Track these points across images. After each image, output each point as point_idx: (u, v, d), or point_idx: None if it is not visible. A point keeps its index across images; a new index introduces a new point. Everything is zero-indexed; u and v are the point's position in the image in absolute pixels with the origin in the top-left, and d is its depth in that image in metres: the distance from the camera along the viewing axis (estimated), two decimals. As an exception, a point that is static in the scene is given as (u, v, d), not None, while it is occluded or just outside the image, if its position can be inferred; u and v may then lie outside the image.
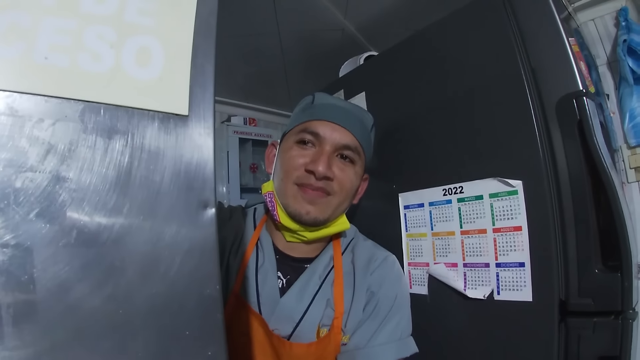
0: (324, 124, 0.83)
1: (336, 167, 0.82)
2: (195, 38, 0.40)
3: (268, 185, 0.88)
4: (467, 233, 0.88)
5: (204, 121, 0.39)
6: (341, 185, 0.82)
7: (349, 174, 0.84)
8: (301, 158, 0.81)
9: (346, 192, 0.84)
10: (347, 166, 0.84)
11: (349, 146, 0.83)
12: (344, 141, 0.82)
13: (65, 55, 0.34)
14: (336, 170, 0.81)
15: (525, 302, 0.78)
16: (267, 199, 0.86)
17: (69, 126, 0.34)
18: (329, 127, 0.82)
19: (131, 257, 0.33)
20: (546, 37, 0.83)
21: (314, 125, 0.83)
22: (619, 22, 1.60)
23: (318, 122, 0.83)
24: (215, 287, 0.36)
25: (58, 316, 0.31)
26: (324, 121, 0.83)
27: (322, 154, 0.80)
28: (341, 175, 0.82)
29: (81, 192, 0.33)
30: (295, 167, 0.81)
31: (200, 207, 0.37)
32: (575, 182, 0.78)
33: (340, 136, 0.82)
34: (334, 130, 0.82)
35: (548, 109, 0.81)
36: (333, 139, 0.82)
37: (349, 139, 0.83)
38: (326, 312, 0.81)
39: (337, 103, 0.87)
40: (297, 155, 0.82)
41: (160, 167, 0.36)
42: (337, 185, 0.82)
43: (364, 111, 0.94)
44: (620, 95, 1.58)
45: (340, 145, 0.82)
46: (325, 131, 0.82)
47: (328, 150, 0.81)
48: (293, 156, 0.82)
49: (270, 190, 0.86)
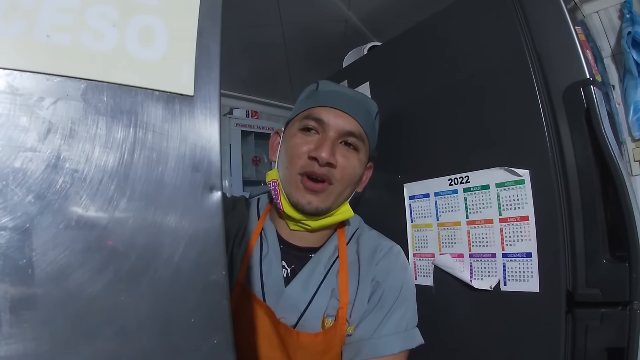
0: (327, 110, 0.82)
1: (339, 154, 0.81)
2: (200, 18, 0.39)
3: (272, 173, 0.87)
4: (474, 223, 0.87)
5: (209, 102, 0.37)
6: (343, 173, 0.81)
7: (352, 162, 0.83)
8: (305, 145, 0.80)
9: (348, 180, 0.83)
10: (351, 153, 0.83)
11: (353, 133, 0.82)
12: (348, 127, 0.82)
13: (67, 33, 0.33)
14: (339, 157, 0.80)
15: (532, 292, 0.78)
16: (271, 187, 0.86)
17: (70, 105, 0.33)
18: (332, 113, 0.81)
19: (134, 241, 0.32)
20: (552, 25, 0.82)
21: (317, 112, 0.82)
22: (623, 14, 1.59)
23: (322, 108, 0.82)
24: (221, 273, 0.34)
25: (58, 302, 0.30)
26: (327, 107, 0.82)
27: (325, 140, 0.79)
28: (344, 163, 0.81)
29: (82, 174, 0.32)
30: (299, 154, 0.80)
31: (206, 190, 0.36)
32: (582, 171, 0.77)
33: (344, 122, 0.81)
34: (337, 116, 0.81)
35: (555, 98, 0.80)
36: (337, 125, 0.81)
37: (352, 126, 0.82)
38: (331, 303, 0.81)
39: (341, 90, 0.86)
40: (301, 142, 0.81)
41: (165, 148, 0.35)
42: (339, 173, 0.81)
43: (368, 99, 0.93)
44: (625, 87, 1.57)
45: (344, 132, 0.81)
46: (329, 117, 0.81)
47: (332, 136, 0.80)
48: (297, 144, 0.81)
49: (274, 178, 0.86)
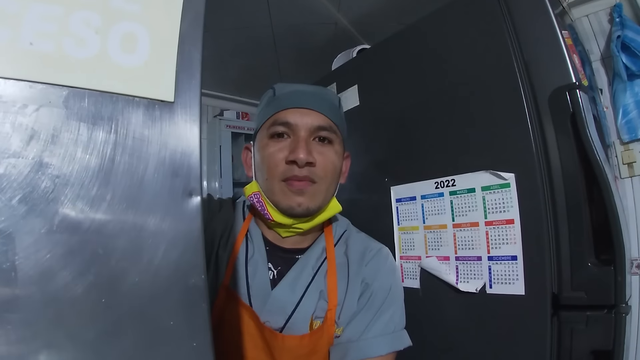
0: (292, 111, 0.80)
1: (316, 151, 0.80)
2: (182, 25, 0.40)
3: (252, 186, 0.86)
4: (459, 226, 0.88)
5: (190, 108, 0.38)
6: (325, 170, 0.81)
7: (330, 156, 0.82)
8: (280, 152, 0.79)
9: (331, 176, 0.83)
10: (326, 148, 0.82)
11: (323, 127, 0.81)
12: (317, 123, 0.81)
13: (51, 40, 0.34)
14: (317, 155, 0.79)
15: (517, 295, 0.78)
16: (253, 200, 0.84)
17: (52, 112, 0.33)
18: (298, 113, 0.80)
19: (114, 245, 0.33)
20: (539, 30, 0.83)
21: (282, 116, 0.81)
22: (612, 18, 1.61)
23: (285, 111, 0.81)
24: (200, 277, 0.35)
25: (40, 304, 0.30)
26: (291, 109, 0.81)
27: (298, 141, 0.78)
28: (322, 160, 0.80)
29: (64, 179, 0.32)
30: (276, 162, 0.79)
31: (186, 195, 0.36)
32: (568, 175, 0.78)
33: (312, 119, 0.80)
34: (303, 115, 0.80)
35: (541, 102, 0.81)
36: (305, 124, 0.80)
37: (321, 120, 0.81)
38: (319, 304, 0.81)
39: (299, 88, 0.85)
40: (275, 150, 0.80)
41: (145, 154, 0.35)
42: (320, 170, 0.80)
43: (327, 90, 0.92)
44: (614, 91, 1.59)
45: (315, 128, 0.80)
46: (295, 118, 0.80)
47: (303, 135, 0.79)
48: (271, 153, 0.80)
49: (255, 190, 0.84)
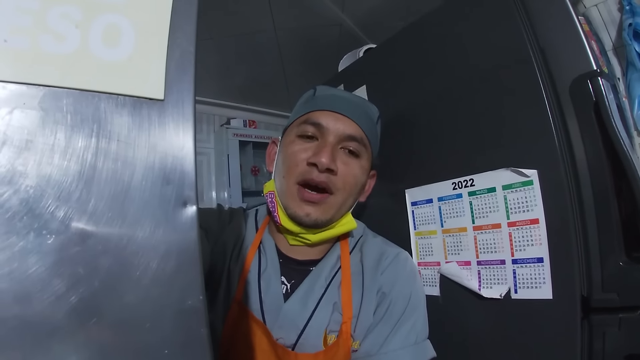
0: (326, 114, 0.79)
1: (340, 161, 0.77)
2: (173, 16, 0.36)
3: (270, 184, 0.84)
4: (480, 228, 0.83)
5: (182, 106, 0.34)
6: (345, 182, 0.78)
7: (353, 169, 0.79)
8: (303, 152, 0.77)
9: (350, 189, 0.79)
10: (352, 160, 0.79)
11: (354, 137, 0.79)
12: (349, 131, 0.78)
13: (26, 37, 0.31)
14: (340, 164, 0.77)
15: (545, 299, 0.74)
16: (268, 199, 0.82)
17: (27, 114, 0.30)
18: (332, 117, 0.78)
19: (97, 263, 0.29)
20: (555, 16, 0.79)
21: (316, 116, 0.79)
22: (622, 6, 1.57)
23: (320, 112, 0.79)
24: (197, 297, 0.31)
25: (13, 332, 0.26)
26: (326, 111, 0.79)
27: (325, 145, 0.76)
28: (345, 170, 0.77)
29: (39, 189, 0.29)
30: (297, 162, 0.76)
31: (179, 205, 0.32)
32: (594, 168, 0.73)
33: (344, 126, 0.78)
34: (337, 120, 0.78)
35: (561, 92, 0.77)
36: (337, 130, 0.77)
37: (353, 129, 0.79)
38: (333, 317, 0.76)
39: (340, 93, 0.84)
40: (299, 149, 0.78)
41: (131, 159, 0.31)
42: (340, 181, 0.77)
43: (368, 102, 0.90)
44: (628, 80, 1.54)
45: (345, 136, 0.78)
46: (328, 121, 0.78)
47: (332, 141, 0.77)
48: (295, 151, 0.78)
49: (271, 190, 0.82)
